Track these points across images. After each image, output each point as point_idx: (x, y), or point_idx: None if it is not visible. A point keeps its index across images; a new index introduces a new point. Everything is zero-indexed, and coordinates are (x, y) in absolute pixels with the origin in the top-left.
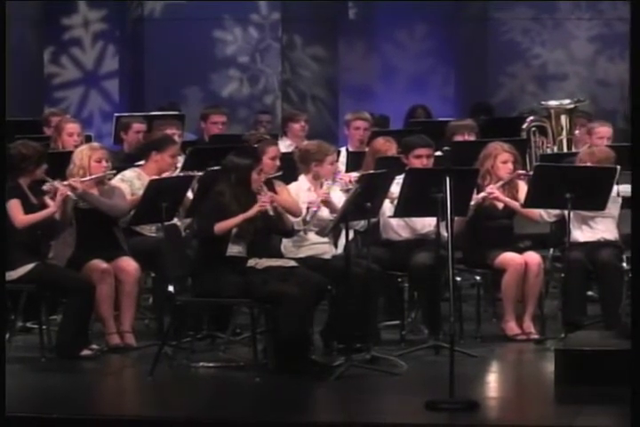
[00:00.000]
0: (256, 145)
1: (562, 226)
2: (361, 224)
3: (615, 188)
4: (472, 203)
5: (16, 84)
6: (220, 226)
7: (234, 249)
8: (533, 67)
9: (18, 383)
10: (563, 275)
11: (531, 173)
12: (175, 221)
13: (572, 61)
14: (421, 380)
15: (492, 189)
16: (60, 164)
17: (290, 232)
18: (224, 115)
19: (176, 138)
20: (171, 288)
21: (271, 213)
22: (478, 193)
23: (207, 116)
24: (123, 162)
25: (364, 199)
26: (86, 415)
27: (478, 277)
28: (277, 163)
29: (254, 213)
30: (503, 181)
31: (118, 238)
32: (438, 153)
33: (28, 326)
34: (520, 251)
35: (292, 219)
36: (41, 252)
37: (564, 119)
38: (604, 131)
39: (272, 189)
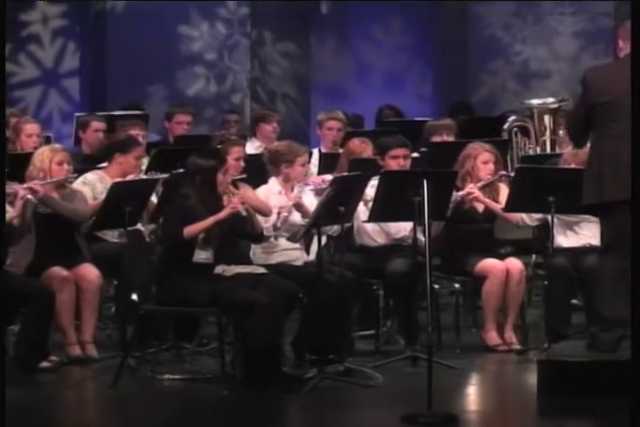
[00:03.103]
0: (219, 146)
1: (545, 231)
2: (334, 229)
3: None
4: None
5: None
6: (190, 229)
7: (201, 255)
8: (515, 64)
9: None
10: (546, 282)
11: (512, 175)
12: (139, 226)
13: (554, 58)
14: (398, 392)
15: (472, 189)
16: (18, 166)
17: (259, 237)
18: (190, 114)
19: (140, 139)
20: (134, 296)
21: (244, 213)
22: None
23: (172, 115)
24: (81, 163)
25: (338, 203)
26: None
27: (457, 285)
28: (242, 164)
29: (226, 215)
30: (484, 181)
31: (79, 244)
32: (415, 154)
33: None
34: (501, 257)
35: (262, 224)
36: None
37: (547, 119)
38: None
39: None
